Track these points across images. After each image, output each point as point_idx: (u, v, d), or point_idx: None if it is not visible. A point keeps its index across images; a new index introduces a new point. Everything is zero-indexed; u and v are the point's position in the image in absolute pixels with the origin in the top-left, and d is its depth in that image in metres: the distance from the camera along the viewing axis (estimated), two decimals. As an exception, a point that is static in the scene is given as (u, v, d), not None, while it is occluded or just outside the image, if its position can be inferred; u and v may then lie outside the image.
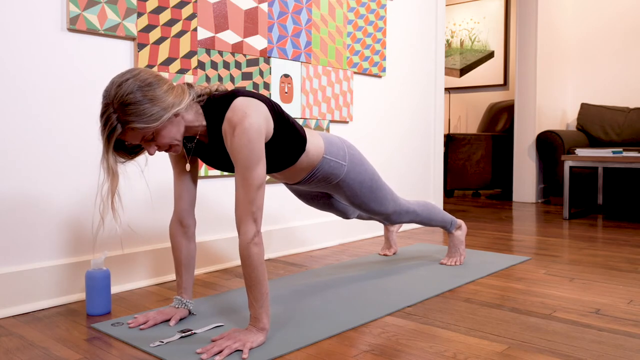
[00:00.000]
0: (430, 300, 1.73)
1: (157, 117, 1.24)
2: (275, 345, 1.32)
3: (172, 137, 1.31)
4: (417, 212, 2.01)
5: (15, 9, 1.60)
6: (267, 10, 2.33)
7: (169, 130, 1.30)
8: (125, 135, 1.26)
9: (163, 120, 1.25)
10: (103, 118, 1.23)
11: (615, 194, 4.17)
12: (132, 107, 1.22)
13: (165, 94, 1.26)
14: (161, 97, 1.25)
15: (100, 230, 1.82)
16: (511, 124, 5.29)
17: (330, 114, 2.66)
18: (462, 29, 6.10)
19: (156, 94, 1.25)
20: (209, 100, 1.39)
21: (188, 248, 1.55)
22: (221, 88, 1.44)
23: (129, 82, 1.23)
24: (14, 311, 1.60)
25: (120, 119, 1.22)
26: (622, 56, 4.91)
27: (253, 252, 1.29)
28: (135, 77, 1.24)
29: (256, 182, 1.30)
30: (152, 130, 1.26)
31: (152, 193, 1.97)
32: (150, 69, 1.29)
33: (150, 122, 1.23)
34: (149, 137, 1.28)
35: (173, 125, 1.30)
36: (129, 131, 1.25)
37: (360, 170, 1.73)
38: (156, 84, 1.26)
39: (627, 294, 1.80)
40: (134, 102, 1.22)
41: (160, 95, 1.25)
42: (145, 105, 1.22)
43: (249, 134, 1.29)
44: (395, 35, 3.11)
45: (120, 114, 1.22)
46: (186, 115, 1.35)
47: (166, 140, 1.31)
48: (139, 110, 1.22)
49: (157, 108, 1.24)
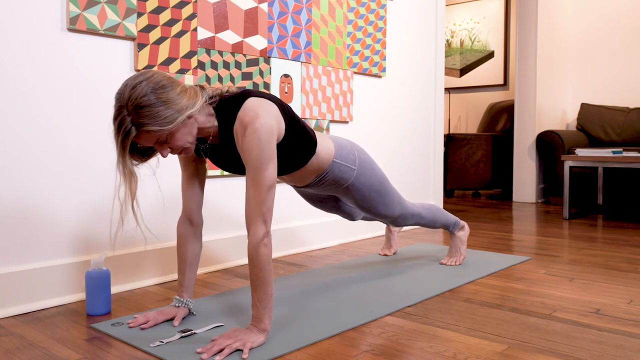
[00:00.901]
0: (430, 300, 1.73)
1: (171, 120, 1.24)
2: (276, 345, 1.32)
3: (185, 139, 1.31)
4: (422, 215, 2.02)
5: (15, 9, 1.60)
6: (267, 10, 2.33)
7: (182, 133, 1.30)
8: (139, 138, 1.26)
9: (177, 123, 1.25)
10: (117, 121, 1.23)
11: (615, 194, 4.17)
12: (147, 109, 1.21)
13: (179, 97, 1.26)
14: (175, 99, 1.25)
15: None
16: (511, 124, 5.30)
17: (330, 114, 2.66)
18: (462, 29, 6.10)
19: (170, 96, 1.25)
20: (220, 101, 1.39)
21: (194, 247, 1.55)
22: (232, 89, 1.44)
23: (142, 84, 1.23)
24: (14, 311, 1.60)
25: (135, 121, 1.22)
26: (622, 56, 4.91)
27: (262, 252, 1.29)
28: (148, 80, 1.24)
29: (267, 182, 1.30)
30: (167, 133, 1.26)
31: (157, 194, 1.97)
32: (163, 72, 1.29)
33: (164, 125, 1.23)
34: (162, 140, 1.28)
35: (186, 128, 1.30)
36: (143, 134, 1.25)
37: (370, 175, 1.73)
38: (169, 86, 1.26)
39: (627, 294, 1.80)
40: (148, 105, 1.22)
41: (174, 98, 1.25)
42: (159, 108, 1.22)
43: (260, 134, 1.29)
44: (395, 35, 3.11)
45: (135, 116, 1.22)
46: (199, 117, 1.35)
47: (179, 143, 1.30)
48: (153, 113, 1.22)
49: (171, 111, 1.24)
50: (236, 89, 1.44)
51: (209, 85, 1.49)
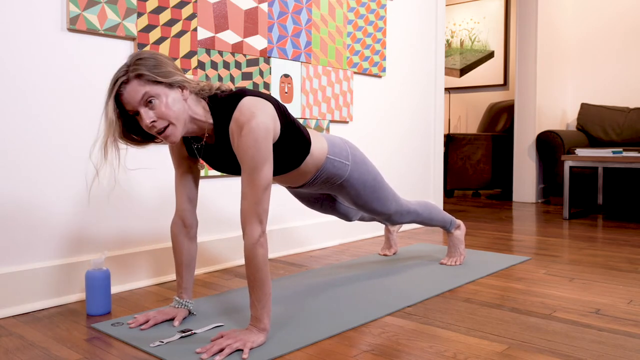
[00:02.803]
0: (430, 300, 1.73)
1: (166, 74, 1.28)
2: (276, 345, 1.32)
3: (175, 113, 1.28)
4: (418, 212, 2.02)
5: (15, 9, 1.60)
6: (267, 10, 2.33)
7: (172, 100, 1.28)
8: (129, 85, 1.25)
9: (172, 80, 1.28)
10: (115, 77, 1.28)
11: (615, 194, 4.17)
12: (144, 61, 1.28)
13: (175, 69, 1.33)
14: (173, 65, 1.33)
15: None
16: (511, 124, 5.29)
17: (330, 114, 2.66)
18: (462, 29, 6.10)
19: (169, 63, 1.32)
20: (215, 99, 1.38)
21: (189, 248, 1.55)
22: (223, 87, 1.43)
23: (145, 52, 1.32)
24: (14, 311, 1.60)
25: (130, 67, 1.27)
26: (622, 56, 4.91)
27: (258, 252, 1.29)
28: (151, 52, 1.33)
29: (263, 182, 1.30)
30: (158, 90, 1.27)
31: (152, 194, 1.97)
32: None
33: (158, 76, 1.27)
34: (149, 98, 1.26)
35: (178, 100, 1.30)
36: (135, 80, 1.26)
37: (363, 170, 1.73)
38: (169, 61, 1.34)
39: (627, 294, 1.80)
40: (146, 58, 1.28)
41: (173, 65, 1.33)
42: (157, 62, 1.29)
43: (256, 133, 1.28)
44: (395, 35, 3.11)
45: (132, 66, 1.27)
46: (191, 102, 1.35)
47: (166, 111, 1.27)
48: (150, 64, 1.28)
49: (168, 68, 1.30)
50: (225, 87, 1.43)
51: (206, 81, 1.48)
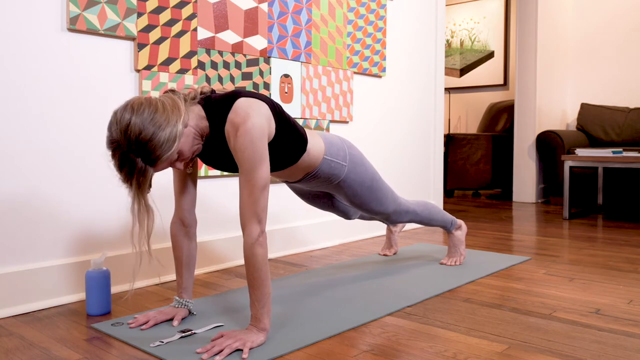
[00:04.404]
0: (430, 300, 1.73)
1: (174, 138, 1.23)
2: (276, 345, 1.32)
3: (191, 147, 1.33)
4: (417, 212, 2.02)
5: (15, 9, 1.60)
6: (267, 10, 2.33)
7: (186, 143, 1.31)
8: (148, 173, 1.25)
9: (179, 136, 1.25)
10: (126, 166, 1.21)
11: (615, 194, 4.17)
12: (150, 143, 1.20)
13: (164, 113, 1.24)
14: (164, 117, 1.23)
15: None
16: (511, 124, 5.30)
17: (330, 114, 2.66)
18: (462, 29, 6.10)
19: (158, 117, 1.22)
20: (210, 101, 1.39)
21: (189, 248, 1.55)
22: (206, 89, 1.44)
23: (131, 121, 1.20)
24: (14, 311, 1.60)
25: (147, 159, 1.22)
26: (622, 56, 4.91)
27: (257, 252, 1.30)
28: (132, 113, 1.21)
29: (260, 182, 1.30)
30: (177, 151, 1.28)
31: (152, 194, 1.97)
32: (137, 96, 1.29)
33: (172, 147, 1.24)
34: (174, 158, 1.29)
35: (188, 137, 1.31)
36: (160, 165, 1.25)
37: (360, 171, 1.73)
38: (150, 106, 1.23)
39: (627, 294, 1.80)
40: (149, 139, 1.20)
41: (163, 117, 1.23)
42: (159, 135, 1.21)
43: (252, 134, 1.29)
44: (395, 35, 3.11)
45: (144, 155, 1.21)
46: (191, 122, 1.34)
47: (189, 152, 1.33)
48: (158, 143, 1.21)
49: (168, 130, 1.22)
50: (210, 88, 1.44)
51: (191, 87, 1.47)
